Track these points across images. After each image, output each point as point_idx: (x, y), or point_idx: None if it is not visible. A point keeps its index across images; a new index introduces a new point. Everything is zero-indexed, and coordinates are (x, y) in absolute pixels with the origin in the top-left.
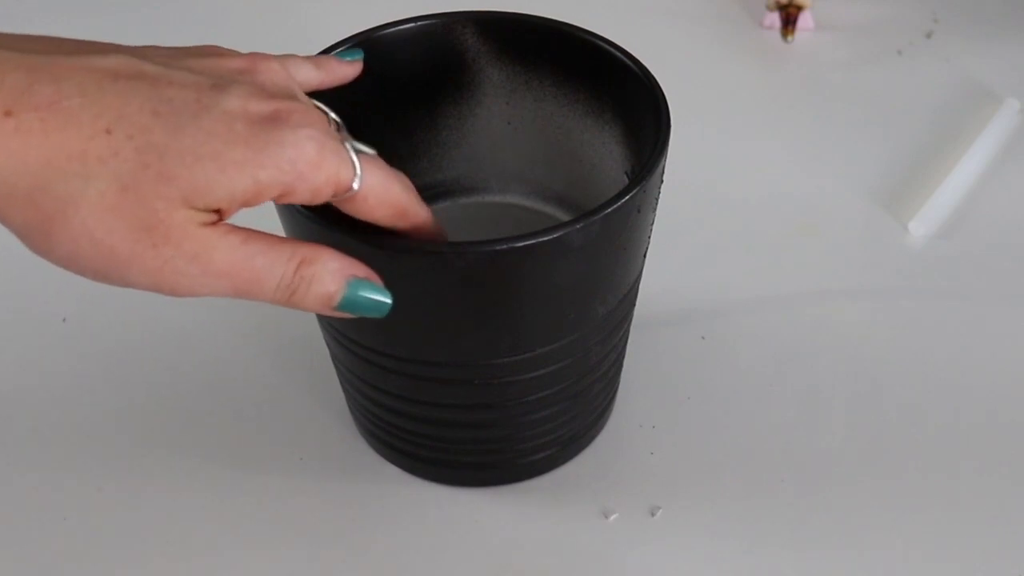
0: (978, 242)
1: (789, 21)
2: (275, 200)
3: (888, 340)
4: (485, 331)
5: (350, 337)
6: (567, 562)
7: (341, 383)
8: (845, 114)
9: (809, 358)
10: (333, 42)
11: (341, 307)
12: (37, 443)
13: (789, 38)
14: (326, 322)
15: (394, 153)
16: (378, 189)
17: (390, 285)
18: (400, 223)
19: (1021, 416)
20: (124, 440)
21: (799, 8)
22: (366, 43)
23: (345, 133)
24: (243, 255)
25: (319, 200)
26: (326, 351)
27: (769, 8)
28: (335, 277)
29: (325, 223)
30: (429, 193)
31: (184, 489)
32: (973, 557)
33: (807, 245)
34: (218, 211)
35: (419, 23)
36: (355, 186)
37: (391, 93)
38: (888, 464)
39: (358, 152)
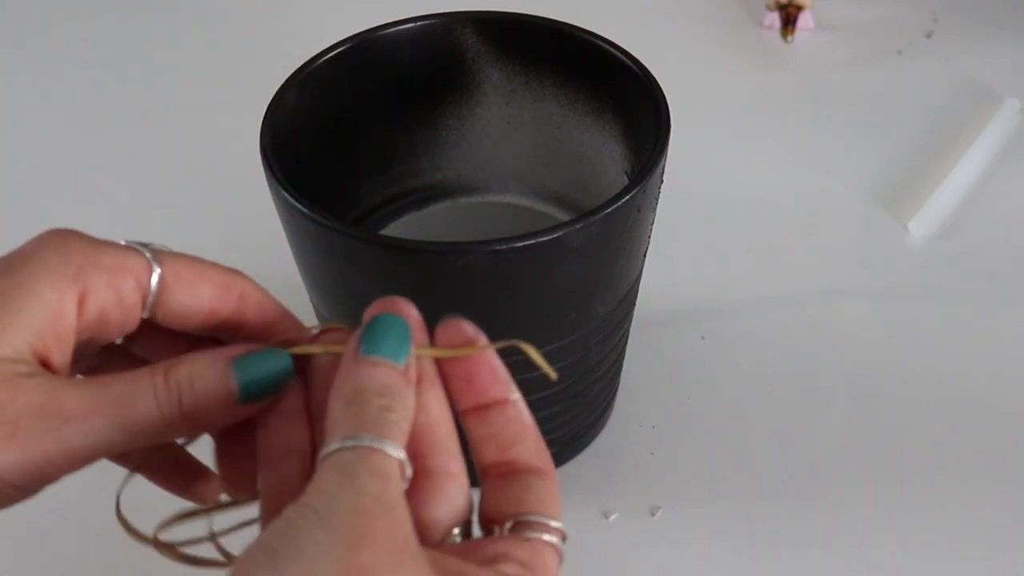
0: (978, 242)
1: (789, 21)
2: (87, 323)
3: (888, 340)
4: (485, 331)
5: None
6: (567, 562)
7: None
8: (845, 114)
9: (809, 358)
10: (333, 42)
11: (244, 390)
12: None
13: (789, 38)
14: (326, 322)
15: (394, 153)
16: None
17: (390, 285)
18: (230, 297)
19: (1021, 415)
20: None
21: (799, 8)
22: (366, 43)
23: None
24: (98, 386)
25: (130, 302)
26: None
27: (769, 8)
28: (214, 366)
29: (325, 221)
30: (429, 193)
31: None
32: (973, 557)
33: (807, 245)
34: (43, 361)
35: (419, 23)
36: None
37: (391, 93)
38: (888, 463)
39: (147, 246)
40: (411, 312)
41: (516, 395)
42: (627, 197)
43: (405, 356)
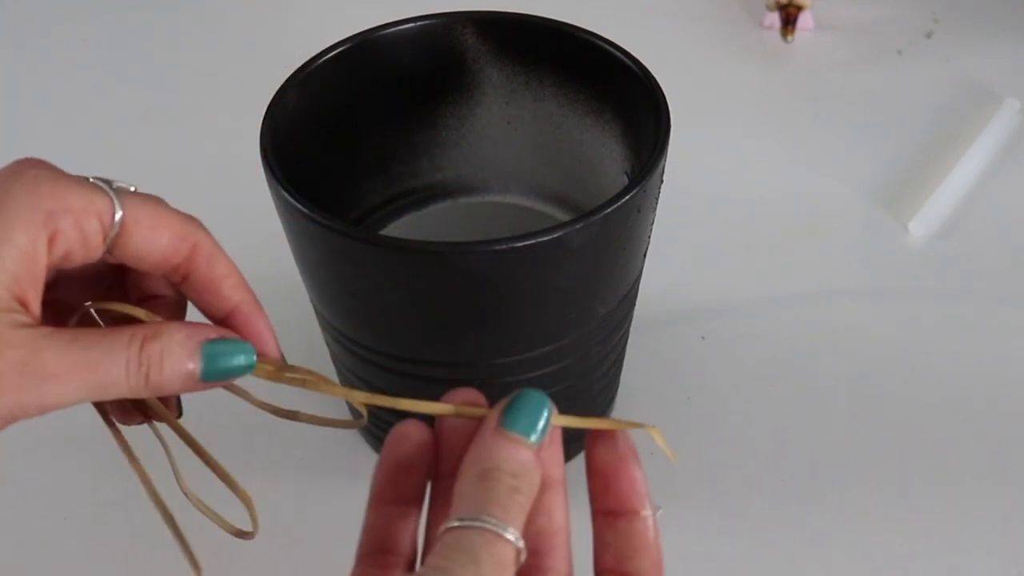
0: (978, 242)
1: (789, 21)
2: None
3: (888, 340)
4: (485, 331)
5: (350, 337)
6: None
7: (341, 383)
8: (845, 114)
9: (809, 358)
10: (333, 42)
11: (206, 376)
12: (37, 443)
13: (789, 38)
14: (326, 322)
15: (394, 153)
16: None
17: (390, 285)
18: (184, 247)
19: (1021, 415)
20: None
21: (799, 8)
22: (366, 43)
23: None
24: (77, 349)
25: (94, 242)
26: (326, 351)
27: (769, 8)
28: (185, 346)
29: (325, 221)
30: (429, 193)
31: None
32: (973, 556)
33: (807, 245)
34: (23, 304)
35: (419, 23)
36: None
37: (391, 93)
38: (888, 463)
39: (111, 184)
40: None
41: (648, 511)
42: (627, 197)
43: (542, 436)
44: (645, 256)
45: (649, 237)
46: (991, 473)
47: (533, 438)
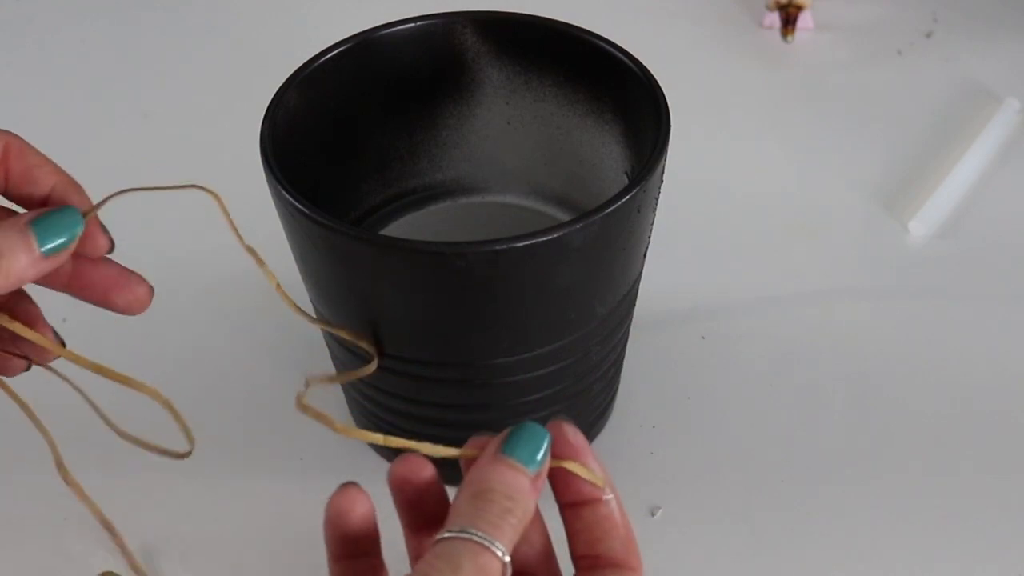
0: (978, 242)
1: (789, 21)
2: None
3: (888, 340)
4: (485, 331)
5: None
6: (567, 562)
7: (341, 383)
8: (845, 114)
9: (809, 358)
10: (333, 42)
11: (43, 245)
12: (37, 443)
13: (789, 38)
14: (326, 322)
15: (394, 153)
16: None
17: (390, 285)
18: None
19: (1021, 415)
20: (123, 440)
21: (799, 8)
22: (366, 43)
23: None
24: None
25: None
26: (326, 351)
27: (769, 8)
28: (16, 227)
29: (325, 221)
30: (429, 193)
31: (184, 490)
32: (973, 556)
33: (807, 245)
34: None
35: (419, 23)
36: None
37: (391, 93)
38: (888, 463)
39: None
40: (576, 440)
41: (610, 495)
42: (627, 197)
43: (539, 466)
44: (645, 256)
45: (649, 237)
46: (991, 473)
47: (531, 468)
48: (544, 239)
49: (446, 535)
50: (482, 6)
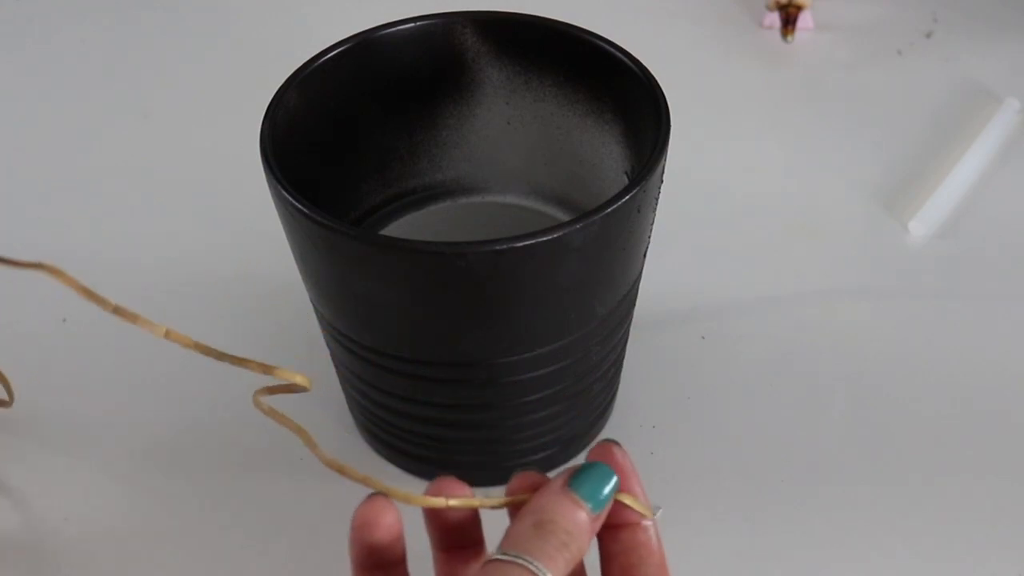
0: (978, 242)
1: (789, 21)
2: None
3: (888, 340)
4: (485, 331)
5: (350, 337)
6: None
7: (341, 383)
8: (845, 114)
9: (809, 358)
10: (333, 42)
11: (596, 507)
12: (36, 443)
13: (789, 38)
14: (326, 322)
15: (394, 153)
16: None
17: (390, 285)
18: None
19: (1021, 415)
20: (123, 440)
21: (799, 8)
22: (366, 43)
23: None
24: None
25: None
26: (326, 351)
27: (769, 8)
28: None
29: (325, 221)
30: (429, 193)
31: (184, 490)
32: (973, 557)
33: (807, 245)
34: None
35: (419, 23)
36: None
37: (391, 93)
38: (888, 464)
39: None
40: (625, 463)
41: (649, 521)
42: (627, 197)
43: (601, 507)
44: (645, 256)
45: (649, 237)
46: (992, 473)
47: (592, 505)
48: (544, 239)
49: (500, 556)
50: (482, 6)
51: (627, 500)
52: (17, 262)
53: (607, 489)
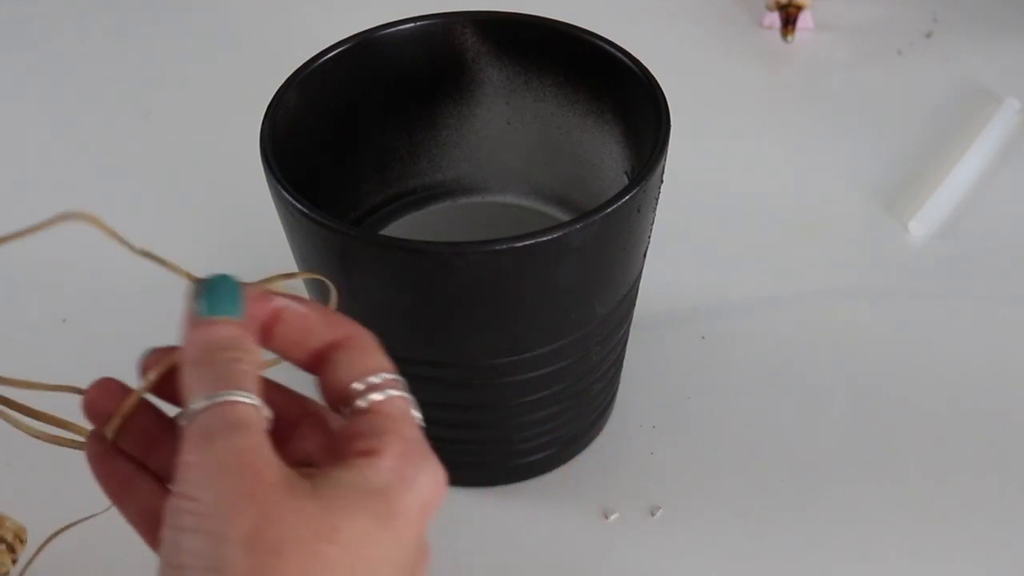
0: (978, 242)
1: (789, 21)
2: None
3: (888, 340)
4: (485, 331)
5: None
6: (567, 562)
7: None
8: (845, 114)
9: (809, 358)
10: (333, 42)
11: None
12: (36, 443)
13: (789, 38)
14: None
15: (394, 153)
16: None
17: (390, 285)
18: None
19: (1021, 415)
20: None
21: (799, 8)
22: (366, 43)
23: None
24: None
25: None
26: None
27: (769, 8)
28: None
29: (325, 221)
30: (429, 193)
31: None
32: (973, 556)
33: (807, 245)
34: None
35: (419, 23)
36: None
37: (391, 93)
38: (888, 463)
39: None
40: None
41: (279, 302)
42: (627, 197)
43: (242, 310)
44: (645, 256)
45: (649, 237)
46: (991, 473)
47: (235, 314)
48: (544, 239)
49: (191, 411)
50: (482, 6)
51: (270, 286)
52: (41, 225)
53: (236, 293)
